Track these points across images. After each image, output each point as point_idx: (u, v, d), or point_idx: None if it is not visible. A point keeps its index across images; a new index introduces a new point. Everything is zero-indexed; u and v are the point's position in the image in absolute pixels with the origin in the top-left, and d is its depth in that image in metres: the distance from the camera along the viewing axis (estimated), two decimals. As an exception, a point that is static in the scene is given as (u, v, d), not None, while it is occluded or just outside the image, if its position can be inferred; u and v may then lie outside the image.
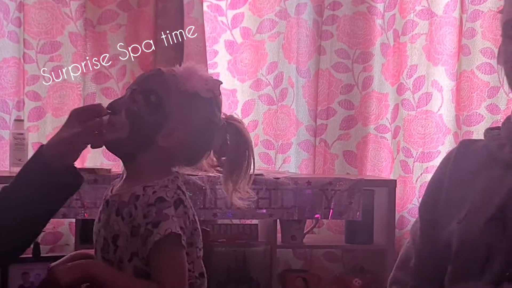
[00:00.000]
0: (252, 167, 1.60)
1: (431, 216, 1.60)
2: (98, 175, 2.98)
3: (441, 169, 1.67)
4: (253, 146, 1.62)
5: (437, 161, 3.44)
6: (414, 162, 3.53)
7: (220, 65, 3.52)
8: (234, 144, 1.59)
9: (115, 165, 3.36)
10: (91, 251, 1.67)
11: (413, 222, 1.71)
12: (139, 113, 1.56)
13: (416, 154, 3.53)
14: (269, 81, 3.52)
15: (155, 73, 1.62)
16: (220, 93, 1.62)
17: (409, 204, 3.50)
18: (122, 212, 1.55)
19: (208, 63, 3.43)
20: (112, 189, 1.64)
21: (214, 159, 1.62)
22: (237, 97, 3.54)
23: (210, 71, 3.47)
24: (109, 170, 3.08)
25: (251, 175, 1.60)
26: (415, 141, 3.53)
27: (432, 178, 1.69)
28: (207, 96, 1.58)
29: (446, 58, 3.50)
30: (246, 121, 3.48)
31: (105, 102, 3.27)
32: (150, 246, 1.50)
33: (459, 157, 1.62)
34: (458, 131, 3.52)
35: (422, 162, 3.52)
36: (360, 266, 3.43)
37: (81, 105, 3.34)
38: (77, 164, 3.23)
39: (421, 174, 3.52)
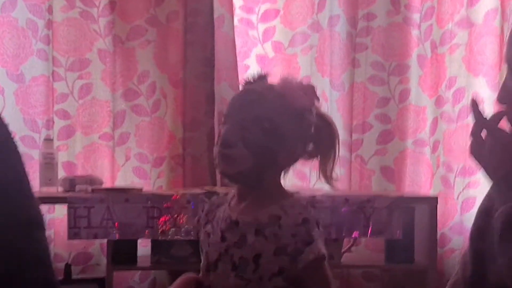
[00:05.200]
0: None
1: (480, 247, 1.54)
2: (130, 195, 3.02)
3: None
4: None
5: (479, 176, 3.45)
6: (455, 177, 3.54)
7: None
8: (325, 132, 1.73)
9: (146, 183, 3.42)
10: (199, 276, 1.76)
11: (458, 244, 1.65)
12: (258, 141, 1.66)
13: (457, 168, 3.55)
14: None
15: (258, 98, 1.68)
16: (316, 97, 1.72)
17: (451, 221, 3.50)
18: (263, 232, 1.65)
19: (239, 78, 3.48)
20: (228, 208, 1.73)
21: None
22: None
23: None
24: (140, 190, 3.13)
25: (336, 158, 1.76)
26: (456, 155, 3.55)
27: (482, 202, 1.63)
28: (311, 106, 1.70)
29: (487, 68, 3.54)
30: None
31: (135, 120, 3.49)
32: (302, 265, 1.63)
33: None
34: (501, 145, 3.51)
35: (464, 177, 3.54)
36: (400, 286, 3.43)
37: (110, 123, 3.42)
38: (107, 183, 3.37)
39: (463, 190, 3.54)
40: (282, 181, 1.74)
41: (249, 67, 3.56)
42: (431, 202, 3.24)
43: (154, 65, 3.47)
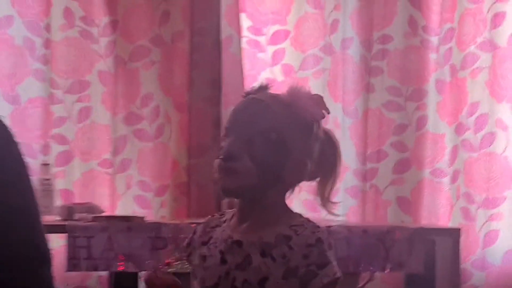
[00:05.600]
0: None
1: None
2: (133, 223, 2.84)
3: None
4: None
5: (503, 208, 3.32)
6: (477, 209, 3.39)
7: None
8: (329, 151, 1.62)
9: (148, 213, 3.25)
10: None
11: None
12: (263, 155, 1.55)
13: (480, 200, 3.39)
14: None
15: (264, 108, 1.58)
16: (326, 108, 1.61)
17: (472, 255, 3.34)
18: (271, 253, 1.55)
19: None
20: (227, 228, 1.62)
21: None
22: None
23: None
24: (143, 218, 2.94)
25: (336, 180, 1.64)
26: (478, 186, 3.40)
27: None
28: (320, 118, 1.59)
29: None
30: None
31: (137, 145, 3.32)
32: None
33: None
34: (529, 175, 3.39)
35: (487, 209, 3.38)
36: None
37: (111, 149, 3.25)
38: (108, 212, 3.18)
39: (485, 222, 3.38)
40: (287, 202, 1.62)
41: (257, 91, 3.40)
42: (454, 234, 3.08)
43: (158, 88, 3.35)
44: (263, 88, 1.62)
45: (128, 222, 2.86)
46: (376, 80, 3.44)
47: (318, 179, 1.61)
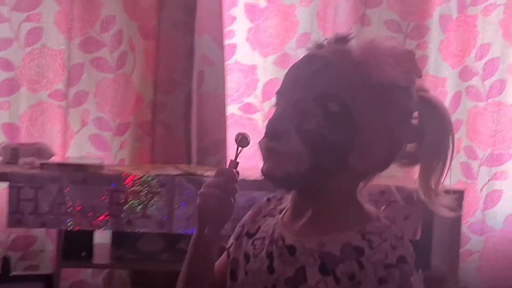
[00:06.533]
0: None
1: None
2: (89, 174, 2.44)
3: None
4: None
5: (509, 166, 3.11)
6: (480, 166, 3.12)
7: (238, 35, 3.07)
8: (432, 126, 1.23)
9: (106, 155, 2.92)
10: None
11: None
12: (318, 132, 1.19)
13: (484, 156, 3.13)
14: (299, 57, 2.97)
15: (324, 66, 1.20)
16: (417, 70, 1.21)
17: (471, 217, 3.09)
18: (334, 270, 1.19)
19: (223, 31, 2.98)
20: (280, 224, 1.29)
21: None
22: (258, 74, 3.09)
23: (226, 41, 2.99)
24: (101, 166, 2.54)
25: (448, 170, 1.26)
26: (482, 140, 3.14)
27: None
28: (406, 83, 1.20)
29: None
30: (266, 106, 3.05)
31: (95, 76, 2.90)
32: None
33: None
34: (542, 130, 3.11)
35: (491, 166, 3.14)
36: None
37: (64, 79, 2.89)
38: (59, 155, 2.78)
39: (488, 181, 3.13)
40: (360, 196, 1.24)
41: (235, 19, 3.07)
42: (456, 196, 2.72)
43: (121, 10, 2.96)
44: (339, 40, 1.23)
45: (83, 171, 2.46)
46: (372, 12, 3.09)
47: (419, 164, 1.25)
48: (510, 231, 3.08)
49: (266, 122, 1.23)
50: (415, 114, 1.23)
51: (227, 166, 1.29)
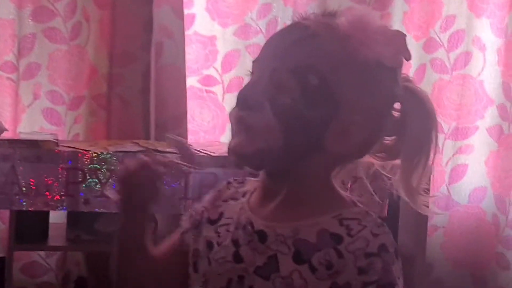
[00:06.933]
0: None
1: None
2: (43, 151, 2.33)
3: None
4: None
5: (473, 140, 3.06)
6: (445, 140, 3.09)
7: (197, 4, 2.97)
8: (415, 118, 1.14)
9: (59, 130, 2.82)
10: None
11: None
12: (294, 106, 1.09)
13: (448, 129, 3.10)
14: (260, 28, 2.97)
15: (307, 37, 1.10)
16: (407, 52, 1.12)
17: (435, 192, 3.03)
18: (309, 259, 1.09)
19: (183, 0, 2.88)
20: (247, 207, 1.18)
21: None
22: (217, 46, 2.99)
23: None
24: (55, 143, 2.43)
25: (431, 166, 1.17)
26: (446, 113, 3.09)
27: None
28: (393, 64, 1.11)
29: (493, 8, 3.06)
30: (226, 78, 2.95)
31: (48, 47, 2.78)
32: None
33: None
34: (506, 103, 3.06)
35: (455, 140, 3.10)
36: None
37: (14, 50, 2.80)
38: (10, 131, 2.66)
39: (453, 155, 3.10)
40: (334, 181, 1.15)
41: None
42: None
43: None
44: (327, 15, 1.12)
45: (36, 148, 2.35)
46: (331, -20, 3.01)
47: (400, 160, 1.15)
48: (475, 206, 3.05)
49: (238, 91, 1.12)
50: (398, 106, 1.14)
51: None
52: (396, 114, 1.14)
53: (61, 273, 2.82)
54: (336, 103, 1.08)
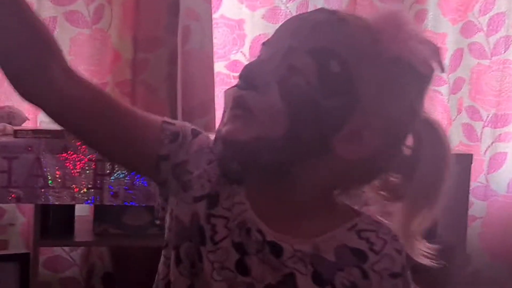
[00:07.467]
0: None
1: None
2: (70, 141, 2.20)
3: None
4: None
5: None
6: (483, 127, 2.95)
7: None
8: (429, 155, 1.00)
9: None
10: None
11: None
12: (307, 90, 0.92)
13: (488, 117, 2.95)
14: (290, 11, 2.85)
15: (331, 18, 0.95)
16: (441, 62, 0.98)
17: (474, 181, 2.90)
18: (331, 280, 0.96)
19: None
20: (249, 208, 1.00)
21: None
22: (245, 30, 2.85)
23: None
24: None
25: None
26: (485, 100, 2.95)
27: None
28: (424, 71, 0.96)
29: None
30: None
31: (68, 31, 2.65)
32: None
33: None
34: (549, 90, 2.94)
35: (495, 128, 2.96)
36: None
37: None
38: (32, 120, 2.52)
39: (492, 143, 2.96)
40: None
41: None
42: (463, 160, 2.59)
43: None
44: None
45: (62, 138, 2.22)
46: (369, -36, 2.86)
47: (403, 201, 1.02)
48: (514, 195, 2.95)
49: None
50: (409, 142, 1.00)
51: None
52: (407, 151, 1.00)
53: (85, 267, 2.71)
54: (355, 97, 0.93)
